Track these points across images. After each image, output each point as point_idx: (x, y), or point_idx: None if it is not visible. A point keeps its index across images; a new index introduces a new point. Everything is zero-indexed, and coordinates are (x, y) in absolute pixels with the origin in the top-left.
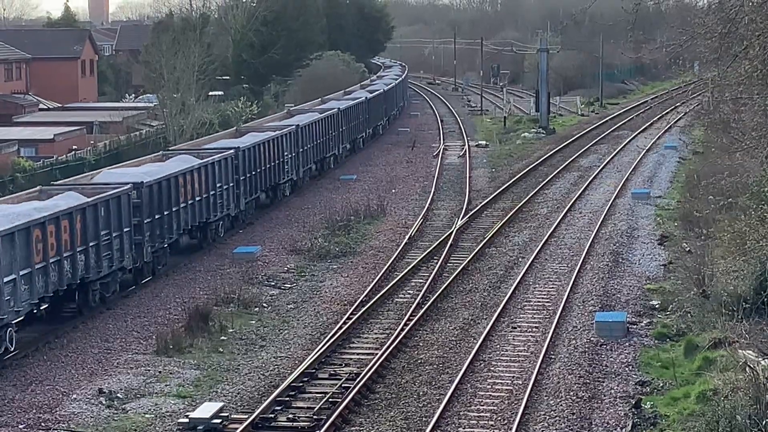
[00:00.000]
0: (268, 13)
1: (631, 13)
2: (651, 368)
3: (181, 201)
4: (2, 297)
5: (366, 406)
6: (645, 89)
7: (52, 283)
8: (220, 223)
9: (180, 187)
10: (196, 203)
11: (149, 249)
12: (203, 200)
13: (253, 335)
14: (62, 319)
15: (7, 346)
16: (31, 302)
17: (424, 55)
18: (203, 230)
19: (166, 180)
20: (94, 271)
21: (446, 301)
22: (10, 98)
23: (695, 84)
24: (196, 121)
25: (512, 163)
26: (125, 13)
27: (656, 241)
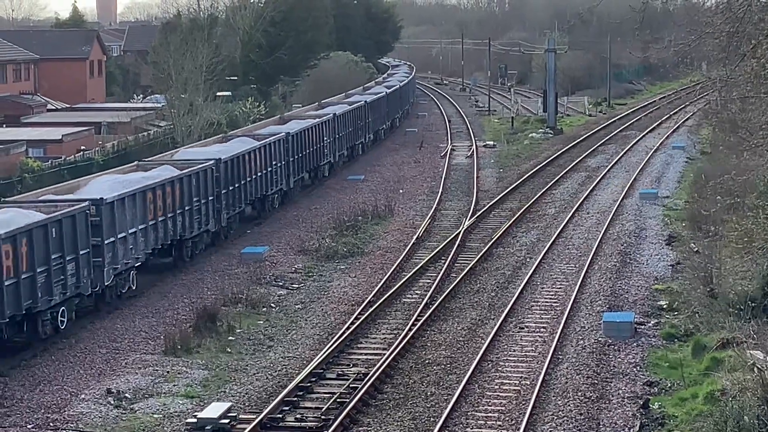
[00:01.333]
0: (276, 13)
1: (638, 12)
2: (659, 369)
3: (247, 176)
4: (127, 245)
5: (374, 407)
6: (653, 89)
7: (160, 238)
8: (275, 196)
9: (246, 164)
10: (256, 179)
11: (225, 215)
12: (262, 176)
13: (261, 335)
14: (160, 270)
15: (130, 285)
16: (146, 252)
17: (431, 56)
18: (262, 202)
19: (237, 157)
20: (188, 231)
21: (454, 301)
22: (19, 99)
23: (703, 83)
24: (204, 122)
25: (520, 164)
26: (133, 14)
27: (664, 242)
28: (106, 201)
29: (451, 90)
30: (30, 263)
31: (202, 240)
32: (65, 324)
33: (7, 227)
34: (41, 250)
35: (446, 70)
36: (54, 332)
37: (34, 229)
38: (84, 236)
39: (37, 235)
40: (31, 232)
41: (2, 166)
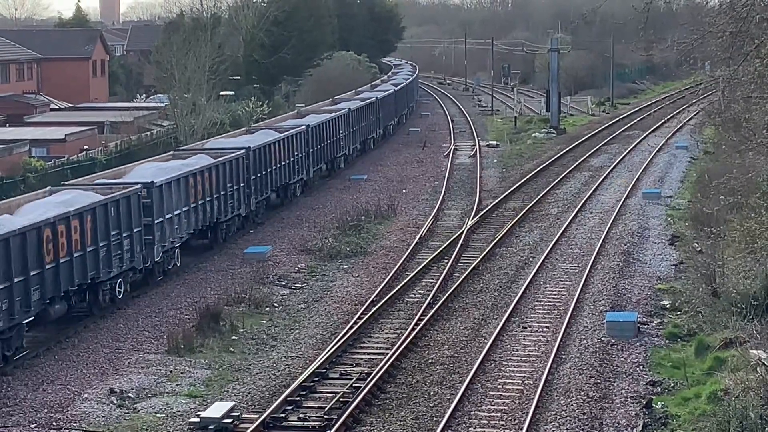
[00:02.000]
0: (279, 13)
1: (642, 12)
2: (662, 368)
3: (272, 165)
4: (173, 225)
5: (377, 406)
6: (656, 89)
7: (199, 220)
8: (297, 185)
9: (271, 154)
10: (280, 168)
11: (254, 201)
12: (285, 165)
13: (263, 335)
14: (197, 253)
15: (175, 262)
16: (188, 232)
17: (434, 55)
18: (285, 190)
19: (263, 147)
20: (222, 214)
21: (457, 301)
22: (22, 98)
23: (706, 83)
24: (207, 121)
25: (523, 163)
26: (136, 13)
27: (667, 241)
28: (156, 184)
29: (454, 90)
30: (93, 238)
31: (234, 223)
32: (121, 294)
33: (74, 205)
34: (102, 226)
35: (449, 70)
36: (110, 302)
37: (97, 207)
38: (137, 216)
39: (99, 213)
40: (95, 210)
41: (5, 166)
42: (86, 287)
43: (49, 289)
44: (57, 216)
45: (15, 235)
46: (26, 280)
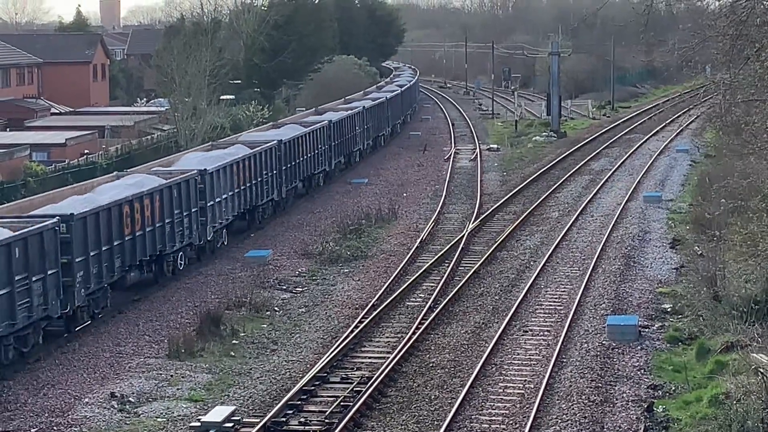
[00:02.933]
0: (280, 17)
1: (642, 15)
2: (663, 372)
3: (299, 157)
4: (221, 208)
5: (378, 410)
6: (657, 92)
7: (241, 204)
8: (320, 175)
9: (298, 146)
10: (306, 159)
11: (285, 188)
12: (310, 157)
13: (264, 339)
14: (236, 234)
15: (223, 241)
16: (233, 215)
17: (435, 59)
18: (310, 180)
19: (292, 140)
20: (259, 199)
21: (458, 304)
22: (22, 102)
23: (707, 87)
24: (207, 125)
25: (523, 167)
26: (137, 18)
27: (668, 245)
28: (209, 171)
29: (454, 93)
30: (161, 215)
31: (268, 208)
32: (182, 266)
33: (145, 186)
34: (167, 206)
35: (450, 74)
36: (172, 273)
37: (163, 189)
38: (194, 198)
39: (165, 194)
40: (162, 191)
41: (6, 170)
42: (155, 258)
43: (127, 258)
44: (134, 195)
45: (103, 210)
46: (111, 249)
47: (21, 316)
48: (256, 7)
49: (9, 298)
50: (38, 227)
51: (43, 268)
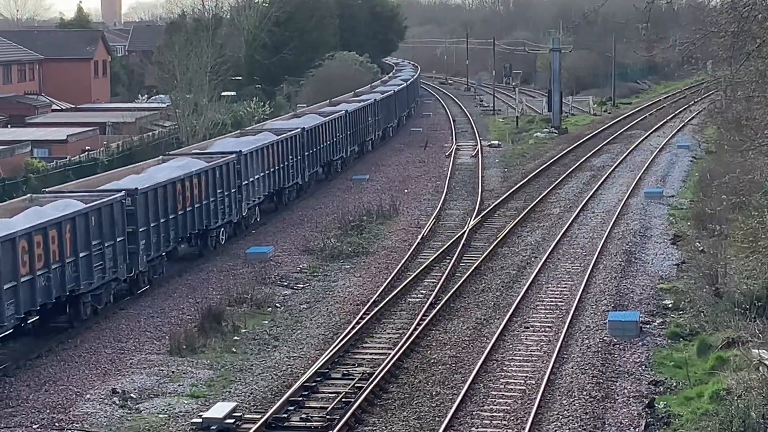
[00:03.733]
0: (281, 13)
1: (643, 11)
2: (664, 368)
3: (320, 144)
4: (255, 188)
5: (379, 406)
6: (658, 88)
7: (270, 185)
8: (338, 162)
9: (318, 134)
10: (326, 147)
11: (308, 173)
12: (329, 145)
13: (266, 335)
14: (266, 213)
15: (256, 218)
16: (264, 194)
17: (436, 55)
18: (329, 166)
19: (314, 128)
20: (285, 182)
21: (459, 300)
22: (23, 99)
23: (708, 83)
24: (208, 122)
25: (525, 163)
26: (138, 14)
27: (669, 241)
28: (244, 153)
29: (455, 90)
30: (206, 195)
31: (293, 190)
32: (223, 240)
33: (191, 168)
34: (211, 186)
35: (451, 70)
36: (214, 247)
37: (208, 170)
38: (233, 178)
39: (210, 175)
40: (207, 172)
41: (7, 167)
42: (201, 233)
43: (180, 231)
44: (185, 174)
45: (160, 186)
46: (167, 221)
47: (97, 276)
48: (257, 4)
49: (87, 260)
50: (109, 200)
51: (113, 235)
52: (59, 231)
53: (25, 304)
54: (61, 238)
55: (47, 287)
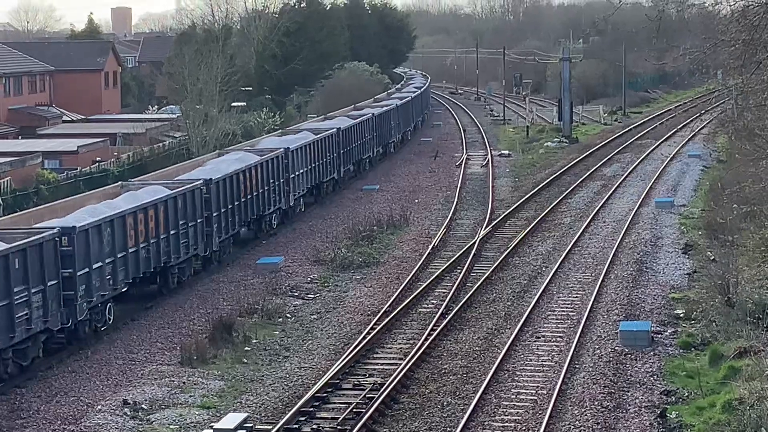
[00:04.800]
0: (291, 24)
1: (654, 20)
2: (676, 378)
3: (351, 144)
4: (299, 180)
5: (390, 417)
6: (668, 97)
7: (312, 179)
8: (367, 160)
9: (350, 135)
10: (357, 146)
11: (342, 169)
12: (360, 145)
13: (276, 346)
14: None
15: (300, 207)
16: (306, 187)
17: (446, 65)
18: (359, 164)
19: (348, 129)
20: (323, 177)
21: (470, 311)
22: (34, 110)
23: (719, 92)
24: (219, 132)
25: (535, 173)
26: (148, 25)
27: (680, 250)
28: (291, 149)
29: (465, 99)
30: (261, 184)
31: (330, 185)
32: (275, 225)
33: (248, 161)
34: (265, 177)
35: (461, 80)
36: (267, 230)
37: (262, 163)
38: (282, 171)
39: (264, 167)
40: (262, 165)
41: (18, 178)
42: (257, 218)
43: (242, 216)
44: (245, 167)
45: (228, 177)
46: (233, 207)
47: (182, 251)
48: (267, 14)
49: (175, 238)
50: (191, 187)
51: (194, 217)
52: (155, 212)
53: (132, 271)
54: (156, 218)
55: (147, 258)
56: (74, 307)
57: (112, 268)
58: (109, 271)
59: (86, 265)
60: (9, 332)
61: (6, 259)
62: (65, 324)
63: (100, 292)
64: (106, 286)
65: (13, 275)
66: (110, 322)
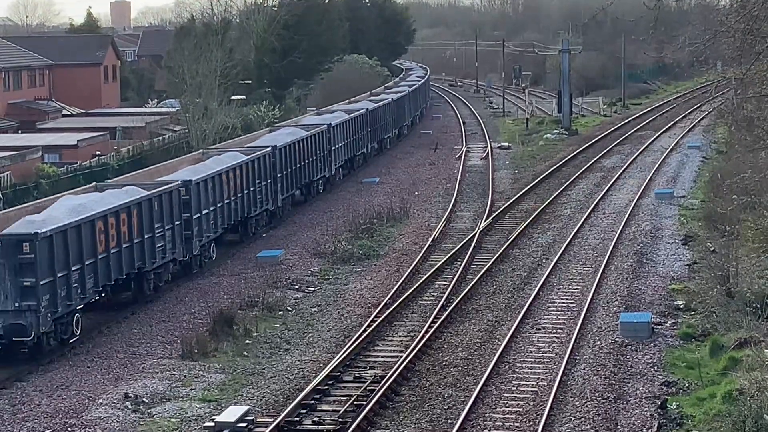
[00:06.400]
0: (290, 17)
1: (652, 11)
2: (676, 368)
3: (376, 124)
4: (341, 151)
5: (391, 409)
6: (668, 89)
7: (351, 150)
8: (388, 140)
9: (375, 116)
10: (379, 127)
11: (370, 145)
12: (382, 125)
13: (277, 339)
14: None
15: (341, 176)
16: (347, 158)
17: (445, 58)
18: (381, 143)
19: (375, 109)
20: (358, 150)
21: (470, 303)
22: (34, 104)
23: (718, 82)
24: (218, 126)
25: (535, 165)
26: (147, 19)
27: (680, 241)
28: (333, 125)
29: (465, 92)
30: (310, 154)
31: (361, 158)
32: (322, 190)
33: (301, 133)
34: (312, 148)
35: (460, 72)
36: (317, 194)
37: (306, 138)
38: (325, 143)
39: (303, 143)
40: (304, 139)
41: (18, 172)
42: (307, 184)
43: (298, 182)
44: (299, 138)
45: (289, 145)
46: (283, 176)
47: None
48: (266, 7)
49: (209, 216)
50: (260, 154)
51: (266, 178)
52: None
53: (227, 220)
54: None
55: (235, 210)
56: (191, 244)
57: (214, 215)
58: (212, 217)
59: (198, 210)
60: (152, 258)
61: (150, 202)
62: (184, 257)
63: (206, 233)
64: (211, 229)
65: (155, 215)
66: (214, 258)
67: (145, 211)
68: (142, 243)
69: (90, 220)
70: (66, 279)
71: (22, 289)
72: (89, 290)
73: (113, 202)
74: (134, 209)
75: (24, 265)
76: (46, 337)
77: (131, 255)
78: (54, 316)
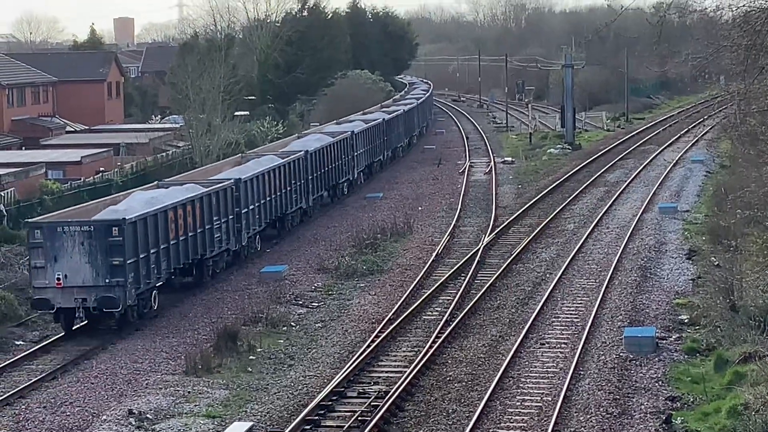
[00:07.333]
0: (293, 33)
1: (655, 26)
2: (681, 383)
3: (391, 133)
4: (360, 159)
5: (395, 425)
6: (671, 103)
7: (368, 159)
8: (401, 148)
9: (391, 125)
10: (392, 137)
11: (386, 153)
12: (394, 135)
13: (281, 354)
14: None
15: (361, 180)
16: (367, 163)
17: (448, 73)
18: (394, 152)
19: (391, 119)
20: (374, 158)
21: (474, 318)
22: (38, 121)
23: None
24: (222, 142)
25: (538, 179)
26: (150, 35)
27: (684, 256)
28: (355, 132)
29: (468, 107)
30: (335, 159)
31: (378, 164)
32: (347, 192)
33: (327, 140)
34: (341, 153)
35: (463, 87)
36: (341, 197)
37: (333, 144)
38: (348, 149)
39: (330, 148)
40: (331, 145)
41: (22, 188)
42: (332, 186)
43: (327, 183)
44: (328, 143)
45: (320, 149)
46: (314, 178)
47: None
48: (269, 23)
49: (254, 211)
50: (295, 157)
51: (299, 179)
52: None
53: (270, 215)
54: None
55: (279, 206)
56: (240, 236)
57: (259, 210)
58: (257, 213)
59: (246, 206)
60: (211, 247)
61: (209, 198)
62: (234, 248)
63: (252, 227)
64: (256, 222)
65: (213, 209)
66: (259, 249)
67: (206, 205)
68: (204, 233)
69: (164, 210)
70: (146, 260)
71: (112, 267)
72: (163, 271)
73: (179, 196)
74: (197, 203)
75: (113, 246)
76: (131, 310)
77: (195, 243)
78: (137, 292)
